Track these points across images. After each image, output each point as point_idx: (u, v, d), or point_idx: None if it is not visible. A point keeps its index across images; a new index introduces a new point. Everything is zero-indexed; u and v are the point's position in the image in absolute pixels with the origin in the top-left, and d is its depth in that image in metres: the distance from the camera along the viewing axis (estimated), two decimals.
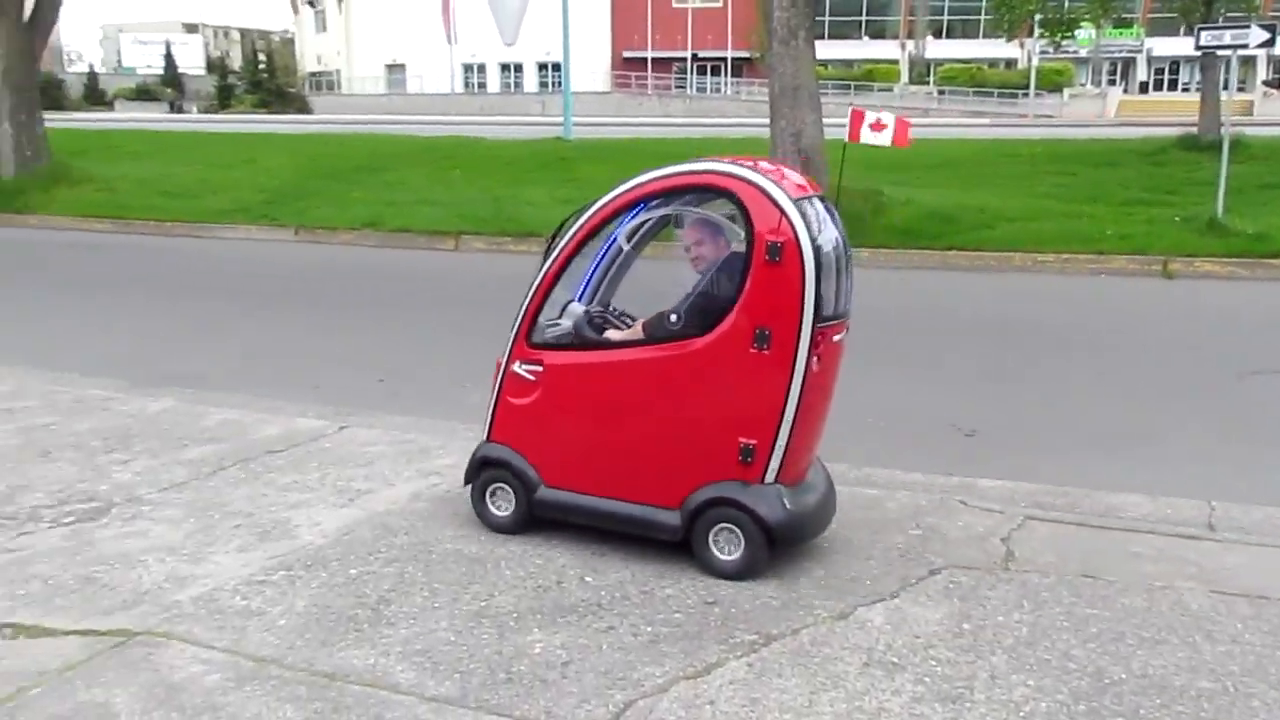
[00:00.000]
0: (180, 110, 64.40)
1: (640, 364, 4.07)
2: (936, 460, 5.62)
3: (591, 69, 55.75)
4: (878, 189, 14.74)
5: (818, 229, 3.83)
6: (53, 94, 51.17)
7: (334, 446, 5.75)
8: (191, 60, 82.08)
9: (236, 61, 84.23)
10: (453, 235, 15.13)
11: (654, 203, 4.19)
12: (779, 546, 4.04)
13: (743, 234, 3.85)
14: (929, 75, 59.82)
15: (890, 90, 56.44)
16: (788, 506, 3.98)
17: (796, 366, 3.81)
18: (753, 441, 3.91)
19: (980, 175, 17.84)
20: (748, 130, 24.76)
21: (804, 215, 3.79)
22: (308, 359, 8.40)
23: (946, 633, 3.61)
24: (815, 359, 3.84)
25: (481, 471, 4.48)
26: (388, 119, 37.64)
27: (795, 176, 4.09)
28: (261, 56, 72.60)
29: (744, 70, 60.19)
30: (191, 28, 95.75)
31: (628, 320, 4.42)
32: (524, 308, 4.28)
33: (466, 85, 62.96)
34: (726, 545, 4.02)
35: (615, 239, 4.48)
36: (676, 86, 59.15)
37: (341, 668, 3.35)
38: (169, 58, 79.27)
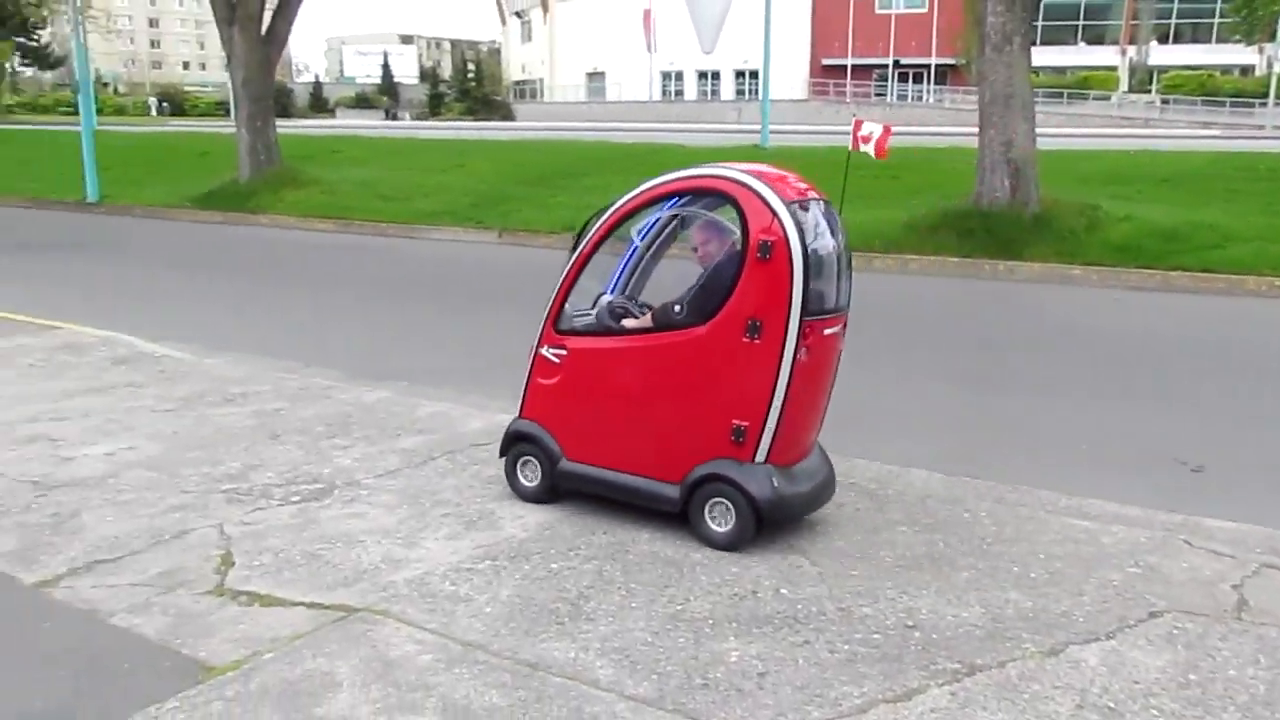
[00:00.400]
0: (395, 117, 67.92)
1: (647, 349, 4.51)
2: (1157, 495, 5.29)
3: (789, 76, 55.47)
4: (1094, 204, 14.03)
5: (811, 231, 4.20)
6: (282, 102, 54.88)
7: None
8: (406, 70, 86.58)
9: (447, 71, 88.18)
10: None
11: (665, 204, 4.65)
12: (767, 523, 4.38)
13: (743, 234, 4.21)
14: (1151, 83, 56.46)
15: (1107, 99, 53.61)
16: (775, 485, 4.34)
17: (785, 356, 4.18)
18: (744, 423, 4.29)
19: (1210, 191, 16.67)
20: (950, 139, 24.02)
21: (795, 218, 4.14)
22: (509, 356, 8.67)
23: (1170, 682, 3.39)
24: (804, 350, 4.21)
25: (513, 445, 4.96)
26: (587, 126, 38.58)
27: (797, 182, 4.39)
28: (470, 66, 75.69)
29: (948, 77, 58.51)
30: (407, 39, 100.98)
31: (647, 310, 4.80)
32: (552, 297, 4.75)
33: (664, 93, 63.78)
34: (720, 518, 4.40)
35: (645, 233, 4.91)
36: (876, 94, 58.07)
37: (544, 658, 3.46)
38: (386, 68, 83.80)
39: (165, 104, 66.36)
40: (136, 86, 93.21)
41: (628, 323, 4.73)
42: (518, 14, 75.07)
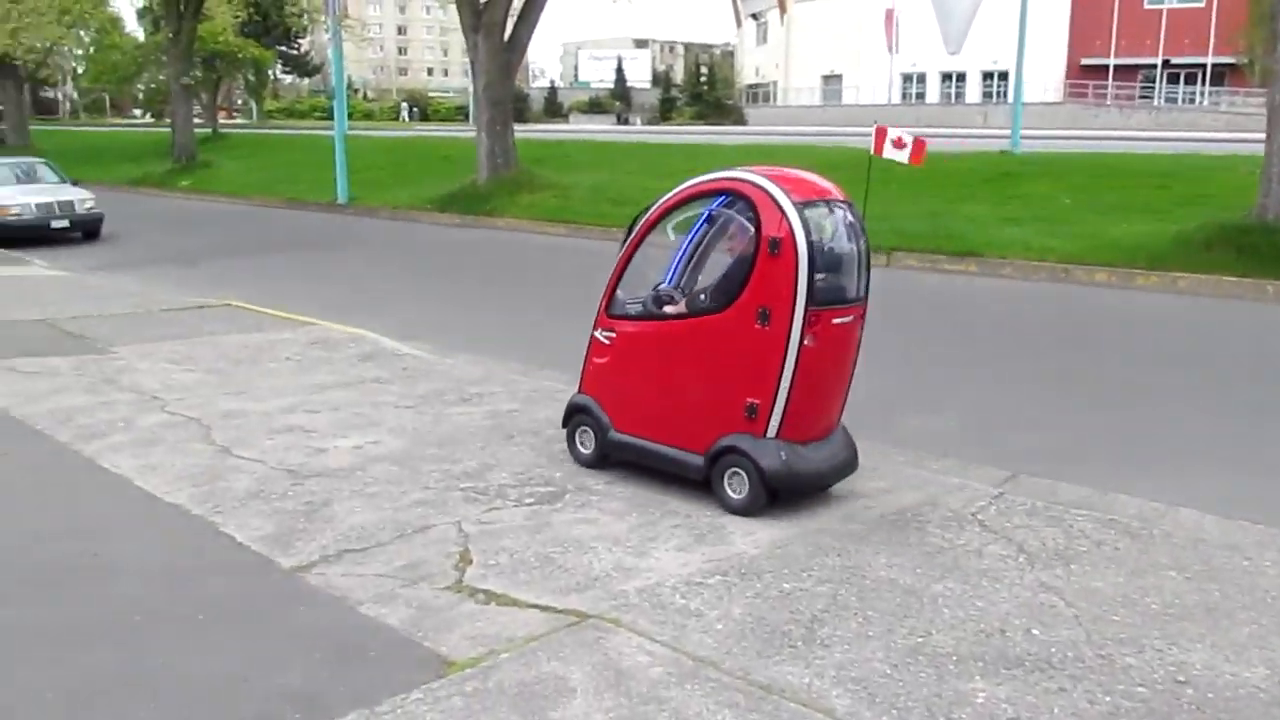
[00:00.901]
0: (626, 122, 69.65)
1: (680, 332, 5.19)
2: None
3: (1043, 78, 52.96)
4: None
5: (820, 229, 4.79)
6: (518, 107, 57.34)
7: None
8: (639, 75, 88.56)
9: (680, 75, 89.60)
10: (885, 250, 15.02)
11: (694, 203, 5.23)
12: (778, 493, 4.95)
13: (755, 229, 4.78)
14: None
15: None
16: (784, 459, 4.90)
17: (790, 341, 4.75)
18: (756, 401, 4.89)
19: None
20: (1227, 146, 22.28)
21: (803, 217, 4.70)
22: None
23: None
24: (810, 337, 4.75)
25: (572, 417, 5.75)
26: (822, 130, 38.25)
27: (817, 183, 5.01)
28: (703, 70, 76.61)
29: (1225, 78, 54.28)
30: (641, 43, 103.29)
31: (670, 301, 5.35)
32: (606, 285, 5.50)
33: (904, 96, 62.37)
34: (737, 487, 4.98)
35: (696, 231, 5.35)
36: (1141, 96, 54.60)
37: (776, 681, 3.44)
38: (619, 72, 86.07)
39: (414, 109, 70.58)
40: (384, 92, 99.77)
41: (668, 309, 5.32)
42: (754, 16, 75.34)
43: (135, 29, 60.29)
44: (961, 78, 61.12)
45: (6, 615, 3.88)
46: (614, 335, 5.50)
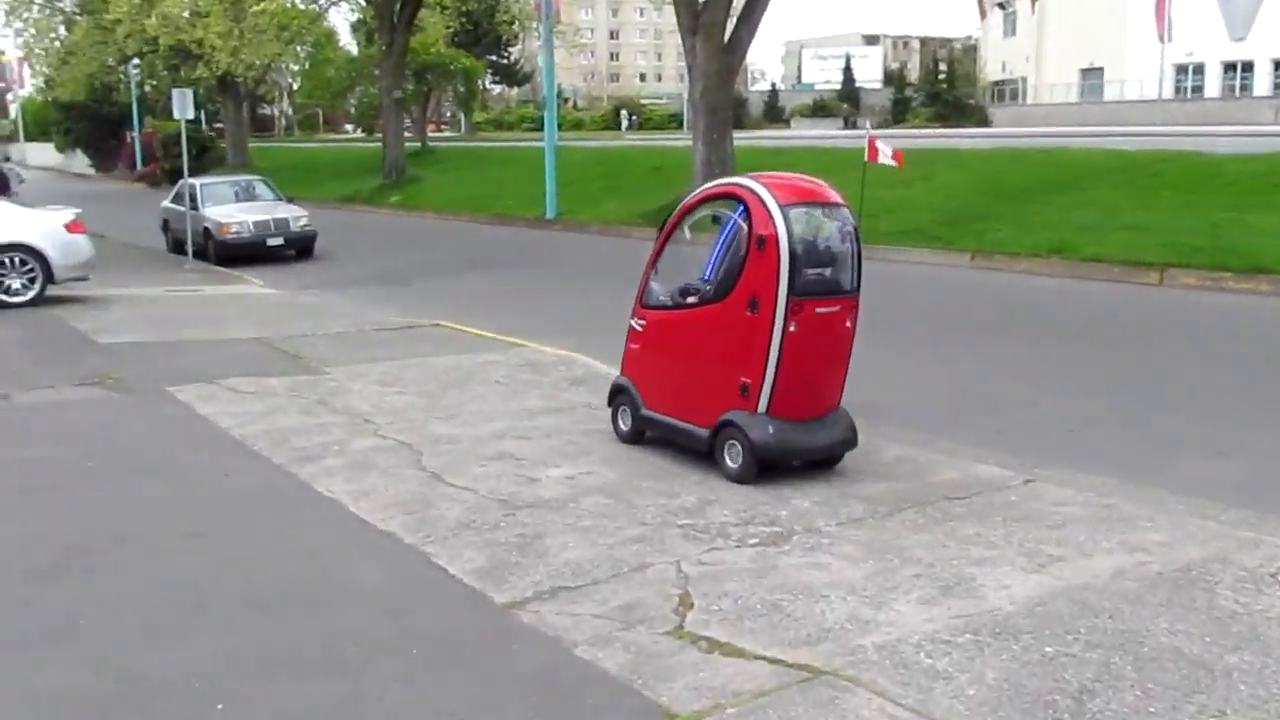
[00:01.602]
0: (854, 125, 68.88)
1: (691, 320, 6.36)
2: None
3: None
4: None
5: (805, 228, 5.82)
6: (736, 113, 57.68)
7: (1019, 501, 5.70)
8: (869, 74, 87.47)
9: (914, 73, 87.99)
10: (1157, 268, 14.22)
11: (702, 207, 6.52)
12: (764, 463, 5.96)
13: (748, 227, 5.87)
14: None
15: None
16: (771, 432, 5.92)
17: (775, 326, 5.77)
18: (748, 380, 5.94)
19: None
20: None
21: (787, 217, 5.75)
22: (983, 397, 8.45)
23: None
24: (794, 323, 5.78)
25: (614, 396, 7.00)
26: (1080, 131, 36.68)
27: (809, 187, 6.09)
28: (941, 66, 74.99)
29: None
30: (872, 39, 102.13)
31: (689, 293, 6.44)
32: (641, 280, 6.76)
33: (1177, 90, 59.04)
34: (734, 457, 6.03)
35: (727, 232, 6.19)
36: None
37: None
38: (847, 72, 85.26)
39: (634, 116, 72.08)
40: (595, 100, 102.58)
41: (690, 299, 6.39)
42: (1000, 5, 73.16)
43: (349, 43, 64.48)
44: (1248, 67, 57.33)
45: (233, 642, 4.16)
46: (645, 323, 6.75)
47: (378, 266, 18.63)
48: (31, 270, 13.23)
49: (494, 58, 66.55)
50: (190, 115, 18.79)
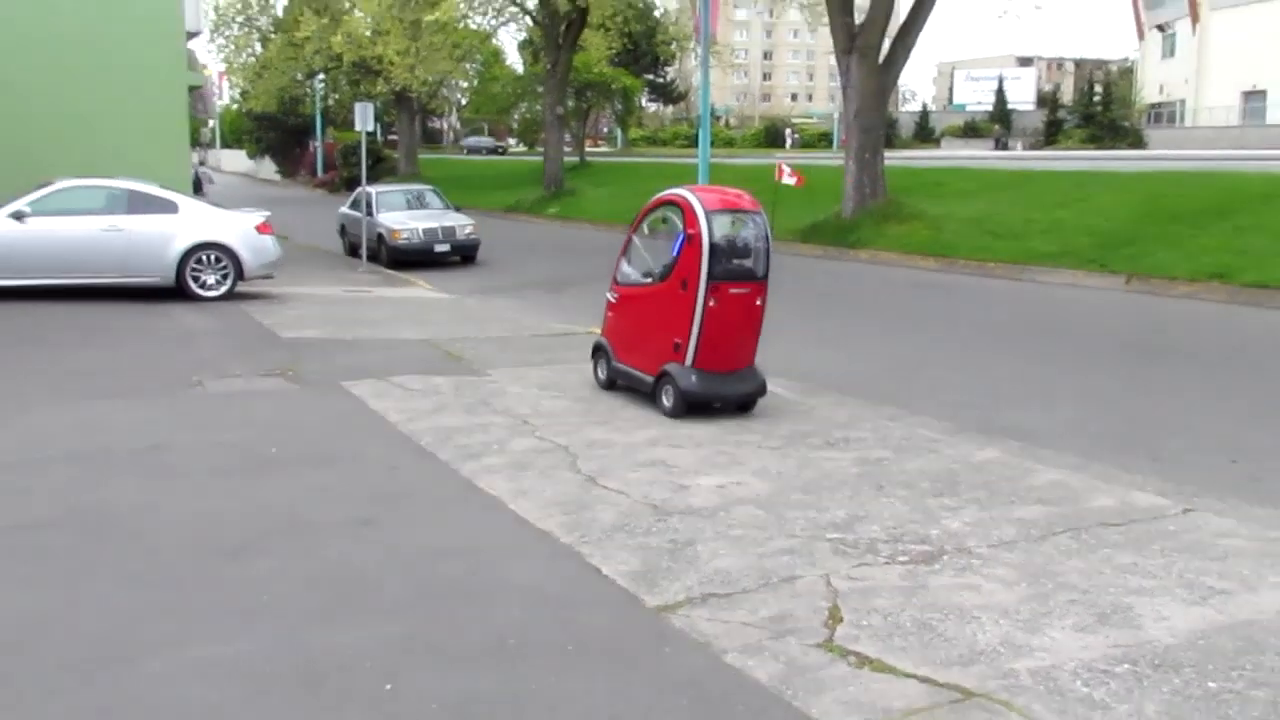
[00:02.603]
0: (1005, 146, 67.08)
1: (644, 295, 8.20)
2: None
3: None
4: None
5: (723, 227, 7.53)
6: (887, 133, 56.81)
7: (1178, 531, 5.42)
8: (1021, 95, 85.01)
9: (1068, 94, 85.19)
10: None
11: (657, 210, 8.19)
12: (691, 405, 7.76)
13: (682, 226, 7.57)
14: None
15: None
16: (694, 380, 7.70)
17: (698, 301, 7.49)
18: (679, 340, 7.67)
19: None
20: None
21: (709, 220, 7.44)
22: (1140, 424, 8.08)
23: None
24: (713, 299, 7.47)
25: (596, 352, 8.92)
26: (1241, 154, 34.87)
27: (730, 197, 7.82)
28: (1096, 88, 72.40)
29: None
30: (1025, 61, 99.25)
31: (648, 276, 8.23)
32: (615, 263, 8.64)
33: None
34: (667, 399, 7.83)
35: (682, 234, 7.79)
36: None
37: None
38: (1000, 93, 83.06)
39: (797, 135, 71.42)
40: (747, 119, 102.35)
41: (647, 280, 8.20)
42: (1159, 27, 70.26)
43: (515, 61, 65.85)
44: None
45: (400, 627, 4.25)
46: (618, 296, 8.63)
47: (536, 274, 18.94)
48: (225, 267, 13.87)
49: (651, 76, 67.03)
50: (371, 128, 19.44)
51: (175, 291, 13.66)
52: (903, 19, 21.96)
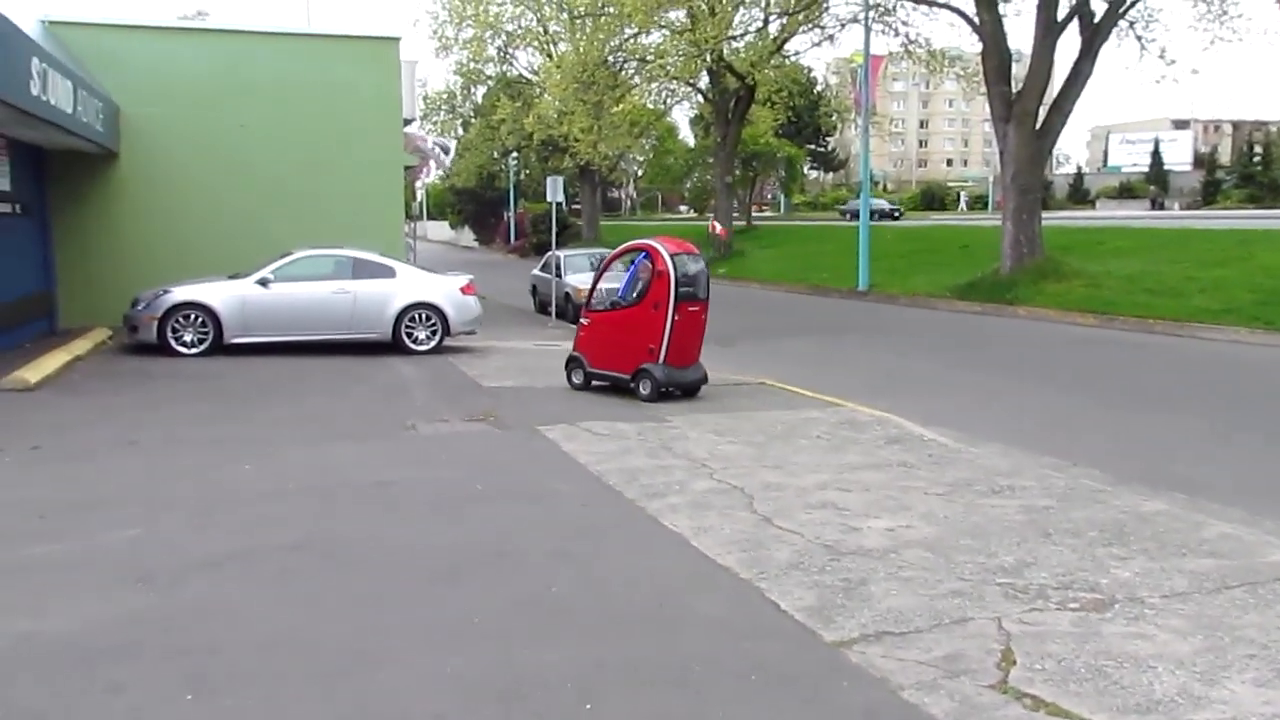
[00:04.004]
0: (1161, 206, 64.00)
1: (621, 315, 10.79)
2: None
3: None
4: None
5: (683, 265, 10.29)
6: (1041, 195, 54.99)
7: None
8: (1178, 156, 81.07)
9: (1225, 155, 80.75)
10: None
11: (627, 255, 11.41)
12: (665, 390, 10.48)
13: (653, 266, 10.33)
14: None
15: None
16: (665, 373, 10.41)
17: (669, 317, 10.24)
18: (654, 345, 10.35)
19: None
20: None
21: (674, 260, 10.23)
22: None
23: None
24: (678, 315, 10.24)
25: (570, 362, 11.29)
26: None
27: (684, 244, 10.70)
28: (1256, 148, 68.41)
29: None
30: (1181, 124, 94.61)
31: (618, 303, 10.98)
32: (586, 296, 11.71)
33: None
34: (644, 388, 10.47)
35: (630, 271, 10.95)
36: None
37: None
38: (1155, 155, 79.46)
39: (968, 198, 69.81)
40: (904, 183, 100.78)
41: (620, 305, 10.85)
42: None
43: (687, 135, 66.79)
44: None
45: (595, 651, 4.31)
46: (590, 320, 11.20)
47: (708, 330, 18.99)
48: (434, 324, 14.47)
49: (813, 146, 66.91)
50: (560, 198, 20.03)
51: (391, 346, 14.32)
52: (1059, 86, 21.35)
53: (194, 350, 13.69)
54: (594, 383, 11.08)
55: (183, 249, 16.69)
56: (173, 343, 13.64)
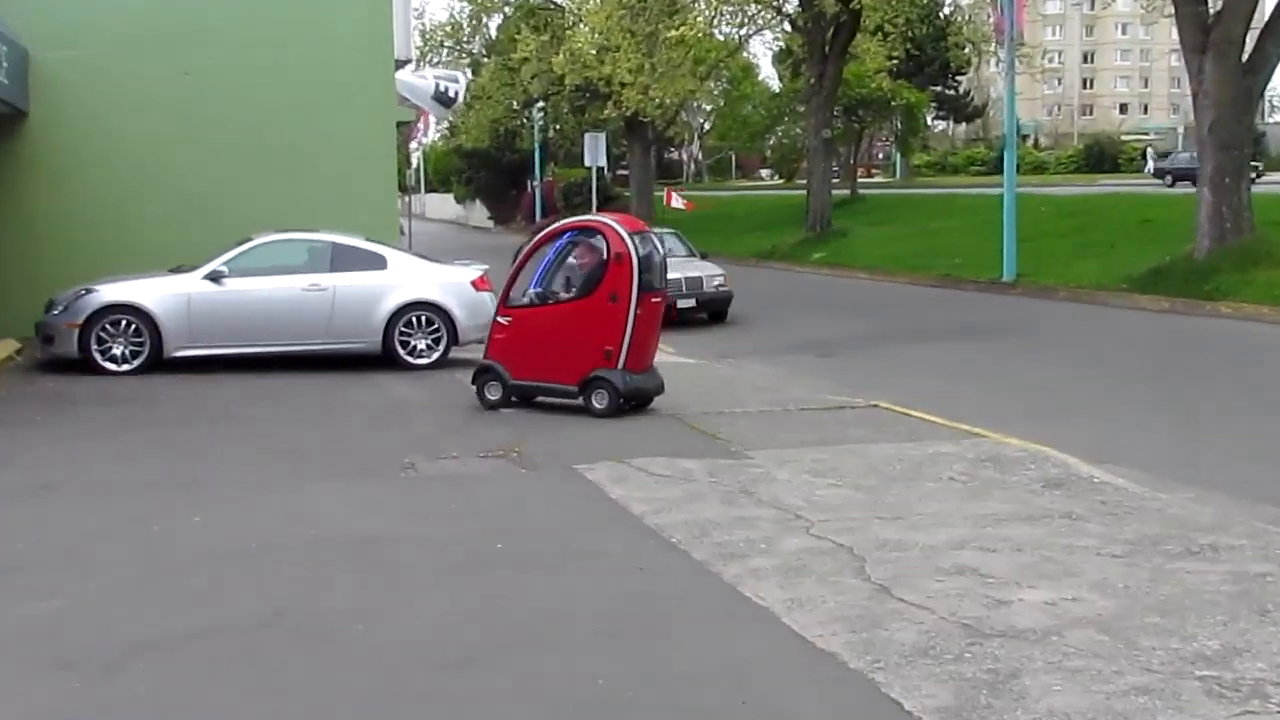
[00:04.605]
0: None
1: (562, 312, 11.50)
2: None
3: None
4: None
5: (643, 246, 11.14)
6: (1251, 152, 54.08)
7: None
8: None
9: None
10: None
11: (567, 234, 11.67)
12: (625, 401, 11.18)
13: (604, 249, 11.07)
14: None
15: None
16: (627, 381, 11.12)
17: (630, 311, 10.92)
18: (610, 347, 11.01)
19: None
20: None
21: (633, 240, 11.00)
22: None
23: None
24: (640, 309, 10.95)
25: (481, 374, 11.76)
26: None
27: (639, 222, 12.54)
28: None
29: None
30: None
31: (550, 296, 11.67)
32: (503, 288, 11.96)
33: None
34: (600, 400, 11.13)
35: (550, 255, 11.55)
36: None
37: None
38: None
39: (1160, 156, 69.13)
40: (1063, 136, 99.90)
41: (557, 298, 11.53)
42: None
43: (769, 76, 66.87)
44: None
45: None
46: (511, 319, 11.58)
47: (800, 334, 19.04)
48: (437, 330, 14.60)
49: (939, 89, 66.53)
50: (602, 162, 20.32)
51: (382, 359, 14.47)
52: (1271, 7, 21.10)
53: (126, 367, 14.02)
54: (514, 399, 11.61)
55: (114, 236, 17.00)
56: (99, 357, 13.96)
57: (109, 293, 14.18)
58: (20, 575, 6.60)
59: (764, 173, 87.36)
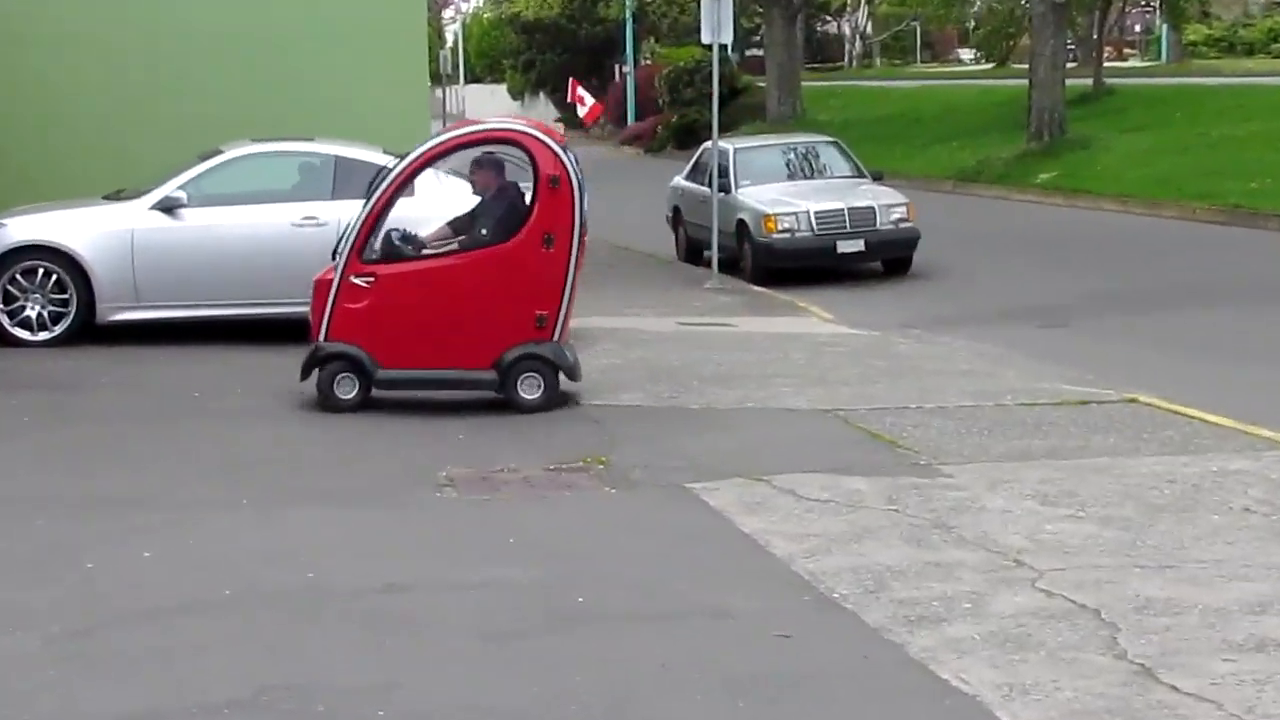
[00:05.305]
0: None
1: (458, 266, 11.74)
2: None
3: None
4: None
5: (578, 167, 11.88)
6: None
7: None
8: None
9: None
10: None
11: (463, 149, 12.20)
12: (569, 383, 12.02)
13: (534, 169, 11.65)
14: None
15: None
16: (569, 356, 11.90)
17: (571, 258, 11.61)
18: (545, 312, 11.53)
19: None
20: None
21: (570, 158, 11.76)
22: None
23: None
24: (580, 257, 12.05)
25: (324, 365, 11.48)
26: None
27: (552, 131, 12.92)
28: None
29: None
30: None
31: (441, 243, 12.28)
32: (354, 235, 11.41)
33: None
34: (531, 389, 11.56)
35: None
36: None
37: None
38: None
39: None
40: None
41: (430, 249, 11.82)
42: None
43: None
44: None
45: None
46: (374, 279, 11.28)
47: (1018, 294, 18.91)
48: None
49: None
50: (727, 38, 20.10)
51: None
52: None
53: (44, 335, 14.23)
54: (390, 392, 11.72)
55: (29, 148, 17.23)
56: (6, 322, 14.12)
57: (18, 229, 14.34)
58: None
59: (964, 54, 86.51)
